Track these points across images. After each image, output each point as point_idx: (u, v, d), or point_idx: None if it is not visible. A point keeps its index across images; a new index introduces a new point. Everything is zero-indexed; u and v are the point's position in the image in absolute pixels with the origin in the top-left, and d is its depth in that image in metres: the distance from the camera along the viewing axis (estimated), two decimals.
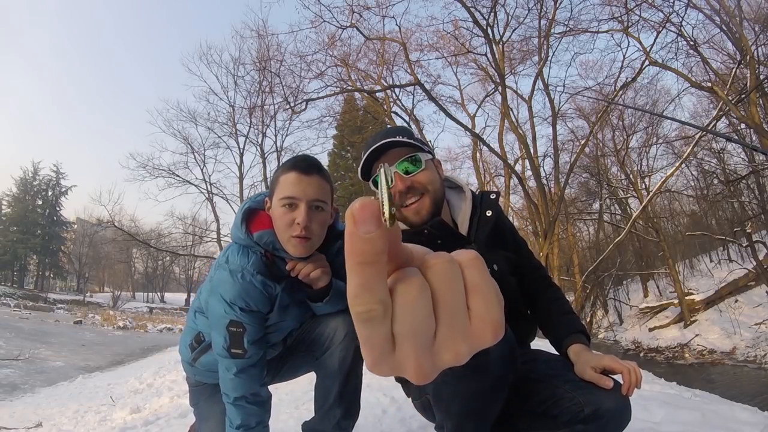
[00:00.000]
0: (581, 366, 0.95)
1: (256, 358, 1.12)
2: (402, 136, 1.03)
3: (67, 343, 11.41)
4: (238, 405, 1.12)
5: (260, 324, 1.13)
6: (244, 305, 1.10)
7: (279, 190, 1.09)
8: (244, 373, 1.11)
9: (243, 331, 1.10)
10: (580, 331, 1.06)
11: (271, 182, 1.16)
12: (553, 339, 1.08)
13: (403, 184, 1.02)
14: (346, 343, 1.20)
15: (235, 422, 1.12)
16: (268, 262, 1.12)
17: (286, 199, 1.07)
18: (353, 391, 1.24)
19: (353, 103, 15.51)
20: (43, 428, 3.33)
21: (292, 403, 2.64)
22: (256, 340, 1.12)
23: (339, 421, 1.23)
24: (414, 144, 1.03)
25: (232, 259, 1.12)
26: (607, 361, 0.93)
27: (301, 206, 1.07)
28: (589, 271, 12.02)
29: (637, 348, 12.56)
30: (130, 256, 35.98)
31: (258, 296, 1.11)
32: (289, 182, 1.08)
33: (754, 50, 9.18)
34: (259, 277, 1.10)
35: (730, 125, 11.89)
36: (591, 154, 14.91)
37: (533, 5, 10.08)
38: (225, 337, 1.10)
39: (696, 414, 1.85)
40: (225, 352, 1.10)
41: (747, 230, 11.47)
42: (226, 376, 1.11)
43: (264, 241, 1.11)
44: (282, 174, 1.10)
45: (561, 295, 1.19)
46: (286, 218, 1.07)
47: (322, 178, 1.11)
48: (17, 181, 34.91)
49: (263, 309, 1.13)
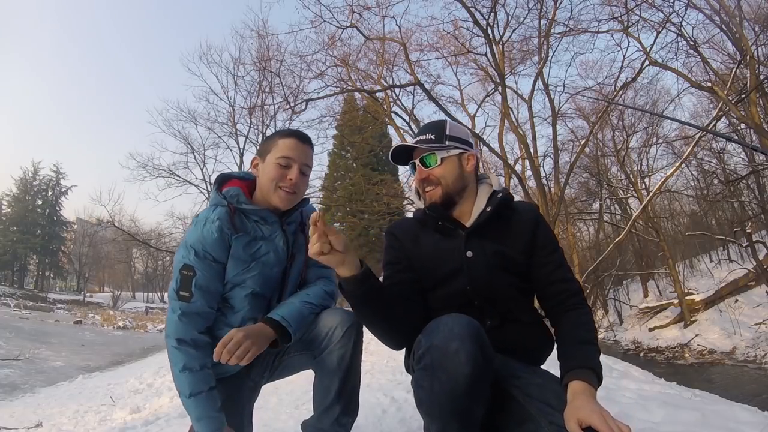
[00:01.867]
0: (570, 412, 0.88)
1: (201, 306, 1.21)
2: (430, 134, 1.21)
3: (67, 343, 11.41)
4: (180, 348, 1.19)
5: (210, 272, 1.21)
6: (200, 249, 1.20)
7: (277, 149, 1.27)
8: (186, 317, 1.19)
9: (193, 275, 1.20)
10: (589, 367, 0.97)
11: (265, 143, 1.32)
12: (561, 367, 1.02)
13: (420, 175, 1.20)
14: (345, 341, 1.20)
15: (179, 365, 1.19)
16: (230, 212, 1.24)
17: (284, 158, 1.26)
18: (352, 389, 1.25)
19: (353, 103, 15.48)
20: (43, 428, 3.33)
21: (292, 403, 2.65)
22: (203, 286, 1.20)
23: (338, 418, 1.23)
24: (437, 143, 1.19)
25: (201, 214, 1.26)
26: (596, 420, 0.83)
27: (294, 166, 1.27)
28: (589, 271, 12.01)
29: (637, 348, 12.56)
30: (130, 256, 36.01)
31: (213, 242, 1.20)
32: (288, 145, 1.27)
33: (754, 50, 9.17)
34: (217, 223, 1.21)
35: (730, 125, 11.88)
36: (591, 154, 14.91)
37: (533, 5, 10.07)
38: (177, 279, 1.21)
39: (696, 414, 1.85)
40: (174, 294, 1.21)
41: (747, 230, 11.47)
42: (171, 318, 1.20)
43: (230, 194, 1.26)
44: (281, 138, 1.29)
45: (586, 320, 1.09)
46: (279, 173, 1.25)
47: (312, 149, 1.34)
48: (17, 181, 34.94)
49: (218, 257, 1.22)
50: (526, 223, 1.18)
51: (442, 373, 0.88)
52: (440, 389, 0.89)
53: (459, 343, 0.87)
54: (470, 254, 1.14)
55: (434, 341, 0.90)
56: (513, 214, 1.20)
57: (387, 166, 20.28)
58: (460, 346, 0.87)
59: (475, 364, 0.87)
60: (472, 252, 1.15)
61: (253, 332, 1.15)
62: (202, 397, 1.20)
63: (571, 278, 1.16)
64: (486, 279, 1.13)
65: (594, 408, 0.86)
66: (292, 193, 1.27)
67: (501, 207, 1.17)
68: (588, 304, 1.16)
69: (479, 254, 1.14)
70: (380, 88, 12.26)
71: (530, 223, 1.18)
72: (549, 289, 1.15)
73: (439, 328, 0.91)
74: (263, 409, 2.39)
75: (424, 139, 1.21)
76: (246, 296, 1.26)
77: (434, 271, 1.17)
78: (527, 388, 1.00)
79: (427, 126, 1.24)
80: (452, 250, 1.15)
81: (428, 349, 0.90)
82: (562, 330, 1.09)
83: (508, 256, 1.15)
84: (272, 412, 2.43)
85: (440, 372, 0.88)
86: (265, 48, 12.93)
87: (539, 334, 1.18)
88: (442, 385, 0.88)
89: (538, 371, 1.10)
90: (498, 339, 1.08)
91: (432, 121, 1.26)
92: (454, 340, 0.88)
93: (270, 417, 2.31)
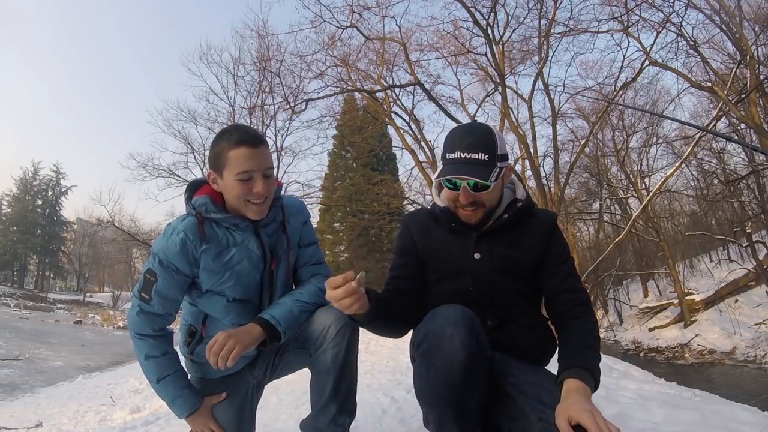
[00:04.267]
0: (561, 408, 0.88)
1: (159, 309, 1.23)
2: (484, 154, 1.08)
3: (67, 343, 11.42)
4: (141, 339, 1.25)
5: (171, 280, 1.21)
6: (163, 258, 1.20)
7: (232, 165, 1.15)
8: (144, 315, 1.23)
9: (154, 280, 1.21)
10: (587, 368, 0.96)
11: (215, 156, 1.18)
12: (559, 367, 1.01)
13: (466, 198, 1.11)
14: (338, 340, 1.19)
15: (142, 353, 1.26)
16: (198, 223, 1.21)
17: (243, 174, 1.15)
18: (348, 388, 1.24)
19: (353, 103, 15.46)
20: (43, 428, 3.33)
21: (292, 403, 2.64)
22: (161, 293, 1.22)
23: (335, 418, 1.23)
24: (490, 164, 1.09)
25: (172, 222, 1.24)
26: (585, 419, 0.82)
27: (256, 177, 1.16)
28: (589, 271, 12.01)
29: (637, 348, 12.57)
30: (130, 256, 35.86)
31: (175, 254, 1.19)
32: (242, 157, 1.15)
33: (754, 50, 9.17)
34: (181, 235, 1.19)
35: (730, 125, 11.88)
36: (591, 154, 14.91)
37: (533, 5, 10.08)
38: (141, 280, 1.24)
39: (696, 414, 1.85)
40: (137, 293, 1.24)
41: (747, 230, 11.49)
42: (132, 312, 1.26)
43: (198, 203, 1.21)
44: (231, 149, 1.15)
45: (591, 328, 1.09)
46: (243, 188, 1.16)
47: (266, 146, 1.20)
48: (17, 181, 34.85)
49: (180, 267, 1.21)
50: (542, 231, 1.17)
51: (437, 358, 0.92)
52: (436, 374, 0.93)
53: (454, 329, 0.92)
54: (478, 256, 1.15)
55: (431, 327, 0.95)
56: (531, 221, 1.18)
57: (387, 166, 20.27)
58: (455, 332, 0.91)
59: (469, 350, 0.90)
60: (480, 254, 1.15)
61: (238, 332, 1.16)
62: (169, 379, 1.26)
63: (580, 288, 1.16)
64: (489, 282, 1.13)
65: (585, 406, 0.85)
66: (263, 202, 1.19)
67: (518, 214, 1.16)
68: (594, 314, 1.15)
69: (486, 257, 1.14)
70: (380, 88, 12.27)
71: (546, 233, 1.17)
72: (557, 299, 1.15)
73: (436, 317, 0.96)
74: (263, 409, 2.38)
75: (477, 159, 1.08)
76: (227, 304, 1.25)
77: (440, 266, 1.19)
78: (522, 386, 1.01)
79: (477, 140, 1.09)
80: (461, 250, 1.16)
81: (425, 335, 0.96)
82: (564, 334, 1.09)
83: (515, 262, 1.15)
84: (272, 412, 2.43)
85: (436, 357, 0.92)
86: (265, 48, 12.93)
87: (541, 336, 1.18)
88: (438, 370, 0.92)
89: (535, 370, 1.09)
90: (498, 338, 1.09)
91: (479, 129, 1.12)
92: (449, 326, 0.93)
93: (270, 417, 2.31)
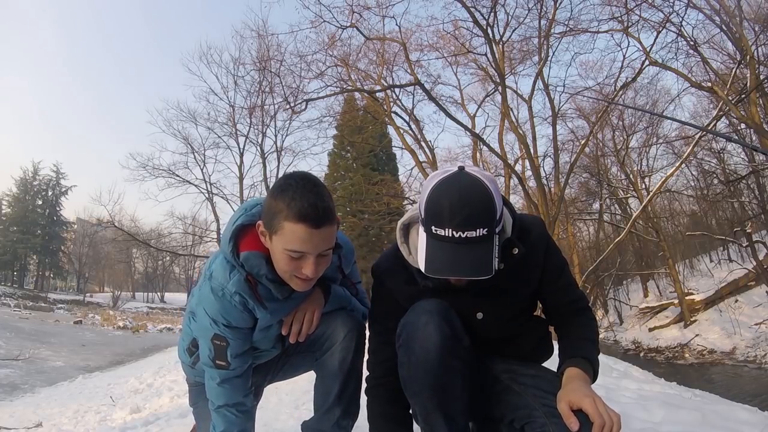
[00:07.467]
0: (562, 394, 0.89)
1: (240, 370, 1.15)
2: (482, 229, 0.86)
3: (67, 343, 11.42)
4: (220, 412, 1.15)
5: (244, 338, 1.14)
6: (226, 322, 1.10)
7: (283, 237, 0.98)
8: (228, 383, 1.14)
9: (226, 345, 1.11)
10: (586, 358, 0.98)
11: (269, 214, 1.00)
12: (559, 359, 1.03)
13: (459, 282, 1.00)
14: (346, 343, 1.20)
15: (218, 428, 1.16)
16: (251, 285, 1.08)
17: (294, 252, 0.99)
18: (353, 391, 1.24)
19: (353, 103, 15.47)
20: (43, 428, 3.33)
21: (292, 403, 2.65)
22: (239, 354, 1.14)
23: (338, 421, 1.23)
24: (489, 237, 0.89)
25: (216, 275, 1.10)
26: (587, 404, 0.83)
27: (309, 258, 1.00)
28: (589, 271, 12.03)
29: (637, 348, 12.57)
30: (130, 256, 35.97)
31: (237, 315, 1.10)
32: (297, 236, 0.97)
33: (754, 50, 9.18)
34: (237, 298, 1.08)
35: (730, 125, 11.89)
36: (591, 154, 14.91)
37: (533, 5, 10.09)
38: (210, 348, 1.12)
39: (696, 414, 1.85)
40: (210, 362, 1.13)
41: (747, 230, 11.49)
42: (211, 385, 1.15)
43: (249, 264, 1.06)
44: (288, 222, 0.96)
45: (590, 324, 1.09)
46: (291, 265, 1.01)
47: (331, 225, 1.00)
48: (17, 181, 34.89)
49: (245, 325, 1.13)
50: (536, 256, 1.06)
51: (414, 344, 0.96)
52: (415, 360, 0.96)
53: (428, 317, 0.96)
54: (480, 315, 1.06)
55: (408, 319, 1.00)
56: (522, 251, 1.01)
57: (387, 166, 20.28)
58: (429, 319, 0.96)
59: (444, 334, 0.94)
60: (483, 313, 1.06)
61: (311, 301, 1.19)
62: None
63: (578, 296, 1.13)
64: (499, 335, 1.10)
65: (586, 392, 0.87)
66: (310, 281, 1.05)
67: (515, 261, 1.01)
68: (594, 315, 1.14)
69: (490, 315, 1.07)
70: (380, 88, 12.28)
71: (540, 256, 1.07)
72: (557, 310, 1.14)
73: (414, 309, 1.01)
74: (263, 409, 2.38)
75: (474, 237, 0.86)
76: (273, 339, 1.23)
77: None
78: (521, 378, 1.04)
79: (476, 213, 0.86)
80: (458, 309, 1.02)
81: (404, 326, 1.00)
82: (564, 330, 1.10)
83: (519, 300, 1.10)
84: (272, 412, 2.43)
85: (413, 343, 0.96)
86: (265, 48, 12.98)
87: (541, 338, 1.18)
88: (416, 356, 0.96)
89: (533, 365, 1.11)
90: (499, 348, 1.11)
91: (476, 198, 0.87)
92: (423, 314, 0.97)
93: (270, 417, 2.31)
